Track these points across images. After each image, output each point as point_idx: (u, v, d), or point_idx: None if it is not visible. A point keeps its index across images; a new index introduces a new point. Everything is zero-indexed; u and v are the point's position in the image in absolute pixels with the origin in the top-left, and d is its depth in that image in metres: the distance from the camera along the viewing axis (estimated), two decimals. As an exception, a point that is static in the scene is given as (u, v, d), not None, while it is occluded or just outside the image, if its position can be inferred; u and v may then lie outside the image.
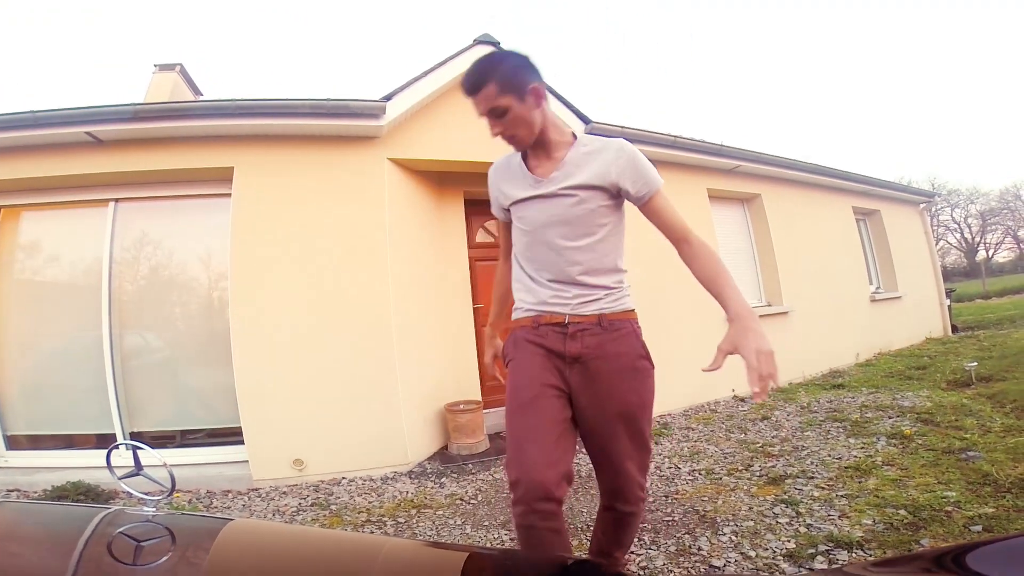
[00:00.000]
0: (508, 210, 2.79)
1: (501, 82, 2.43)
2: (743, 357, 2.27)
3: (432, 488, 5.85)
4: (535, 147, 2.64)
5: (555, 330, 2.53)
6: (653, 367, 2.64)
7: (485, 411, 7.37)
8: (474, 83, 2.43)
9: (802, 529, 4.09)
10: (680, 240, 2.71)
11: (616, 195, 2.63)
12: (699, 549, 3.96)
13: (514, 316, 2.75)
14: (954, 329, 15.89)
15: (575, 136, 2.69)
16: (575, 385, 2.52)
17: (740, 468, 5.64)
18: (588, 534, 4.17)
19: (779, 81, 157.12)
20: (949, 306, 16.16)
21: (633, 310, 2.78)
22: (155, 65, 11.31)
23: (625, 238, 2.84)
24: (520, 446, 2.40)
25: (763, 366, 2.19)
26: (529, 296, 2.65)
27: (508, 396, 2.56)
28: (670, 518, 4.56)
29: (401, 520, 4.99)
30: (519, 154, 2.71)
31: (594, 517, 3.34)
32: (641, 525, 3.95)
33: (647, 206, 2.66)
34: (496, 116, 2.46)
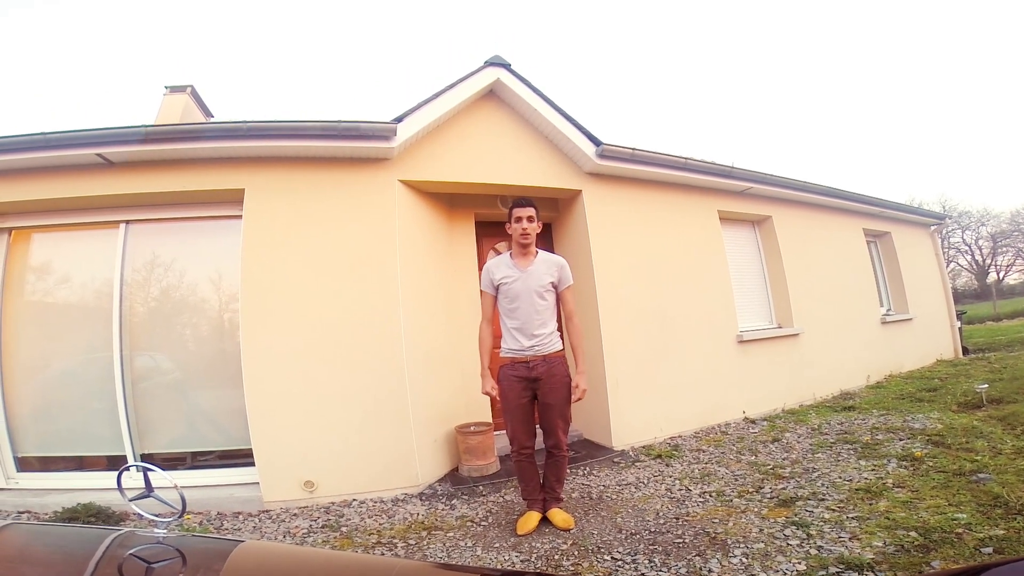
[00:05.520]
0: (497, 287, 5.14)
1: (536, 208, 5.12)
2: (580, 383, 5.02)
3: (443, 510, 5.85)
4: (525, 253, 5.13)
5: (524, 366, 5.00)
6: (571, 380, 5.07)
7: (496, 433, 7.37)
8: (528, 203, 5.07)
9: (813, 551, 4.09)
10: (570, 315, 5.24)
11: (555, 287, 5.15)
12: (710, 571, 3.95)
13: (502, 355, 5.15)
14: (965, 351, 15.83)
15: (538, 252, 5.19)
16: (537, 389, 5.02)
17: (751, 490, 5.64)
18: (598, 556, 4.37)
19: (790, 101, 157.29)
20: (960, 328, 16.11)
21: (562, 350, 5.16)
22: (166, 87, 11.40)
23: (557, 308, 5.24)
24: (513, 429, 5.08)
25: (582, 391, 5.01)
26: (510, 342, 5.09)
27: (502, 402, 5.13)
28: (680, 540, 4.55)
29: (412, 542, 5.00)
30: (508, 255, 5.20)
31: (604, 539, 4.74)
32: (651, 547, 4.42)
33: (563, 293, 5.20)
34: (530, 221, 5.02)
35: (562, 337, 5.25)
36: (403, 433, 6.49)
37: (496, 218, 8.28)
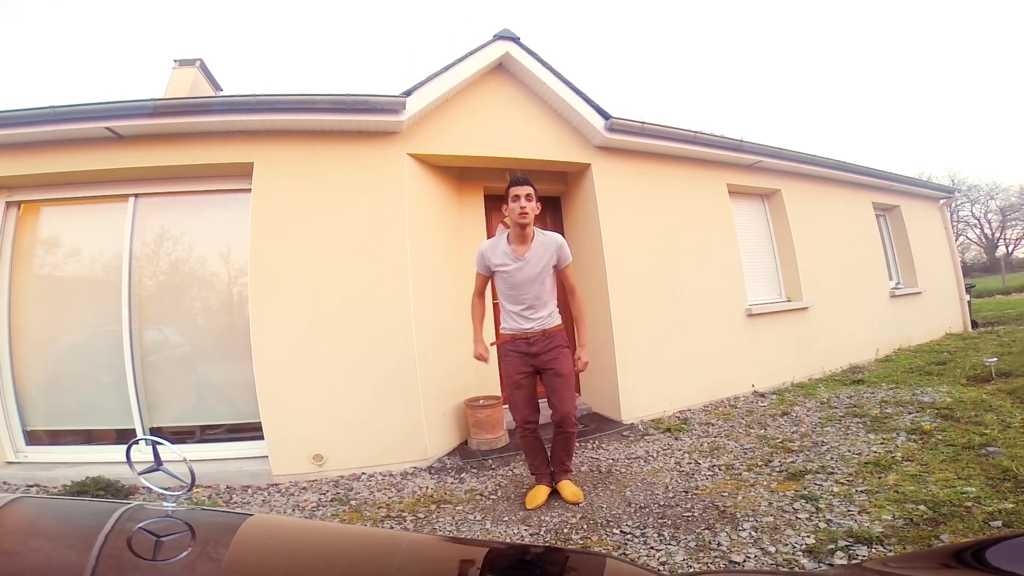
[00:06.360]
0: (492, 272, 5.11)
1: (534, 187, 4.92)
2: (582, 357, 5.10)
3: (452, 483, 5.89)
4: (522, 236, 5.00)
5: (525, 341, 5.02)
6: (569, 349, 5.13)
7: (505, 406, 7.24)
8: (525, 181, 4.87)
9: (822, 525, 4.09)
10: (571, 290, 5.22)
11: (554, 266, 5.05)
12: (719, 544, 3.96)
13: (502, 331, 5.22)
14: (974, 324, 15.80)
15: (535, 233, 5.04)
16: (538, 363, 5.03)
17: (760, 463, 5.65)
18: (607, 530, 4.38)
19: (800, 75, 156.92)
20: (969, 301, 16.06)
21: (560, 324, 5.16)
22: (175, 60, 11.38)
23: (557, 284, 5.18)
24: (516, 404, 5.14)
25: (583, 364, 5.08)
26: (510, 322, 5.10)
27: (505, 378, 5.21)
28: (690, 513, 4.57)
29: (421, 515, 5.03)
30: (504, 239, 5.08)
31: (613, 512, 4.76)
32: (660, 521, 4.45)
33: (563, 271, 5.12)
34: (528, 200, 4.83)
35: (562, 311, 5.26)
36: (412, 407, 6.53)
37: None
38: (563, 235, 8.27)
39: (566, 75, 7.74)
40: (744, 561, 3.72)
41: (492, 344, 5.49)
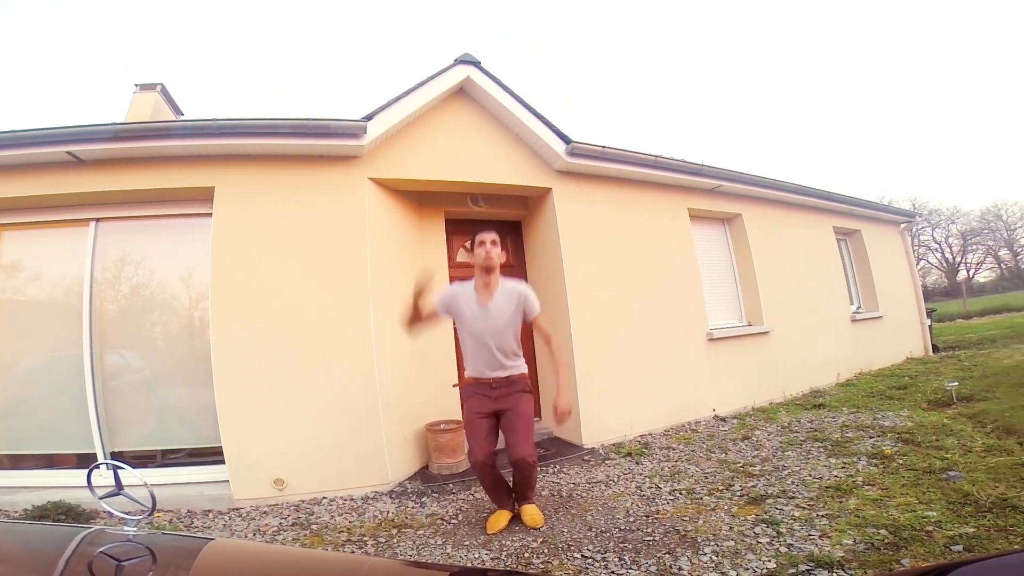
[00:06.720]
0: (451, 315, 5.18)
1: (499, 234, 5.12)
2: (560, 404, 4.87)
3: (413, 508, 5.87)
4: (487, 283, 5.06)
5: (488, 385, 5.07)
6: (531, 394, 5.22)
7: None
8: (490, 228, 5.05)
9: (783, 549, 4.12)
10: (547, 339, 5.20)
11: (520, 314, 5.07)
12: (680, 569, 3.97)
13: (466, 375, 5.28)
14: (935, 349, 15.96)
15: (500, 281, 5.11)
16: (498, 406, 5.05)
17: (721, 488, 5.67)
18: (568, 554, 4.41)
19: (761, 100, 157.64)
20: (930, 326, 16.23)
21: (525, 372, 5.20)
22: (136, 85, 11.35)
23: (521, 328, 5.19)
24: (472, 445, 5.06)
25: (562, 411, 4.85)
26: (472, 369, 5.17)
27: (464, 414, 5.31)
28: (651, 538, 4.58)
29: (382, 540, 5.01)
30: (471, 286, 5.11)
31: (574, 537, 4.81)
32: (621, 545, 4.50)
33: (534, 322, 5.15)
34: (494, 246, 4.95)
35: (527, 358, 5.53)
36: (373, 431, 6.52)
37: (465, 216, 8.35)
38: (524, 257, 8.52)
39: (527, 99, 7.82)
40: (706, 584, 3.71)
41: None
